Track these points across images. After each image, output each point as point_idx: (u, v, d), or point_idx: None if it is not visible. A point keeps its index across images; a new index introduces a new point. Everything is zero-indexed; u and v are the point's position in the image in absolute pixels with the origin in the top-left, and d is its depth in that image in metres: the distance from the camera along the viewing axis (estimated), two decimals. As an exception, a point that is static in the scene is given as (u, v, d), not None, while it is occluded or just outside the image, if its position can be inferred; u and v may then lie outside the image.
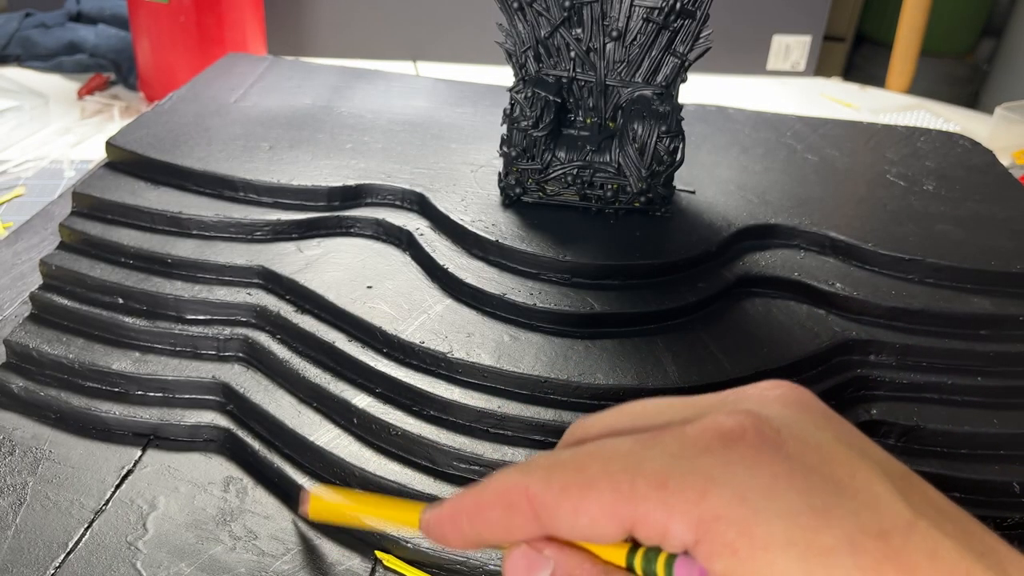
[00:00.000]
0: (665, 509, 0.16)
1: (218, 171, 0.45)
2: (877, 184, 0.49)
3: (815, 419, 0.17)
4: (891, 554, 0.15)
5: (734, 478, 0.16)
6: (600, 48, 0.40)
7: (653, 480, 0.16)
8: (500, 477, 0.18)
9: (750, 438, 0.16)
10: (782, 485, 0.16)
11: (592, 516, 0.17)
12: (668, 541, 0.16)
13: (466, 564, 0.31)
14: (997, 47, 1.72)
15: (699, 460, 0.16)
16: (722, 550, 0.15)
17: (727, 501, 0.15)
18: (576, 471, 0.17)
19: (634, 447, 0.17)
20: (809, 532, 0.15)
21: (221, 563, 0.31)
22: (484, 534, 0.19)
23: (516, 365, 0.35)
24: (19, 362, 0.39)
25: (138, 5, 0.77)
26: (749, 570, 0.15)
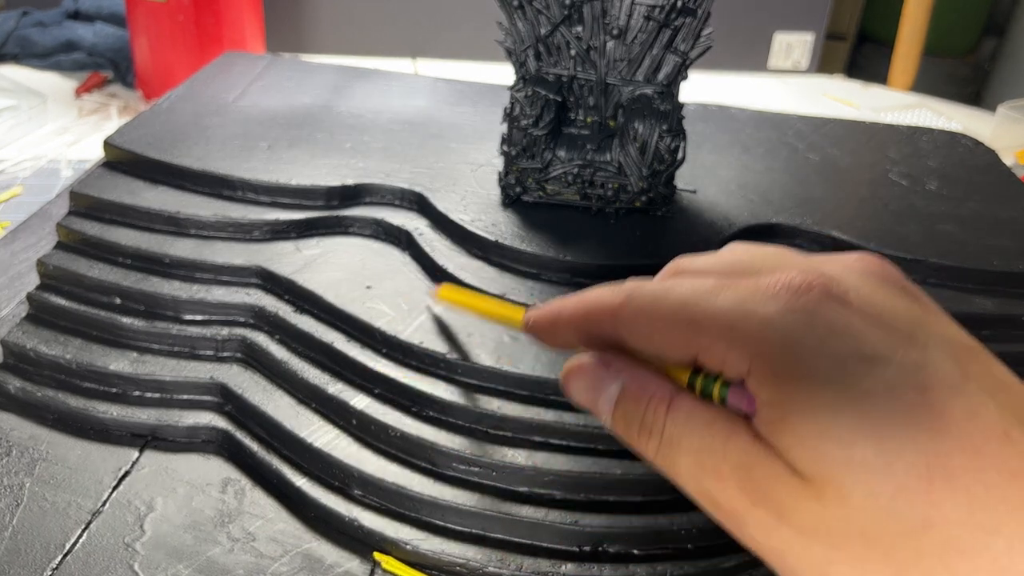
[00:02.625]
0: (726, 342, 0.18)
1: (216, 170, 0.45)
2: (879, 184, 0.49)
3: (890, 291, 0.19)
4: (926, 404, 0.16)
5: (792, 324, 0.17)
6: (601, 46, 0.40)
7: (719, 317, 0.18)
8: (595, 292, 0.21)
9: (816, 294, 0.17)
10: (836, 334, 0.17)
11: (664, 339, 0.19)
12: (726, 369, 0.18)
13: (465, 566, 0.31)
14: (999, 46, 1.72)
15: (764, 305, 0.18)
16: (769, 380, 0.17)
17: (781, 342, 0.17)
18: (658, 299, 0.19)
19: (714, 287, 0.19)
20: (852, 375, 0.16)
21: (219, 565, 0.31)
22: (573, 339, 0.22)
23: (516, 365, 0.35)
24: (16, 362, 0.39)
25: (136, 3, 0.77)
26: (790, 399, 0.16)
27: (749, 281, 0.19)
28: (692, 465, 0.18)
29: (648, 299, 0.19)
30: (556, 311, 0.22)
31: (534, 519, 0.32)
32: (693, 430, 0.18)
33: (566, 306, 0.22)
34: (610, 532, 0.32)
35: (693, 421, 0.18)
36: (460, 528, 0.32)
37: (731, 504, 0.17)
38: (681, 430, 0.18)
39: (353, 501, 0.33)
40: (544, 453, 0.33)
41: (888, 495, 0.15)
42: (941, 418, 0.15)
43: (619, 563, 0.31)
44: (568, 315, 0.21)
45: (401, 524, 0.32)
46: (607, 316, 0.20)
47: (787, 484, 0.16)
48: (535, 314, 0.23)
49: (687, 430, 0.18)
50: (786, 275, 0.18)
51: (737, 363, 0.18)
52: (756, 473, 0.17)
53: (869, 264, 0.19)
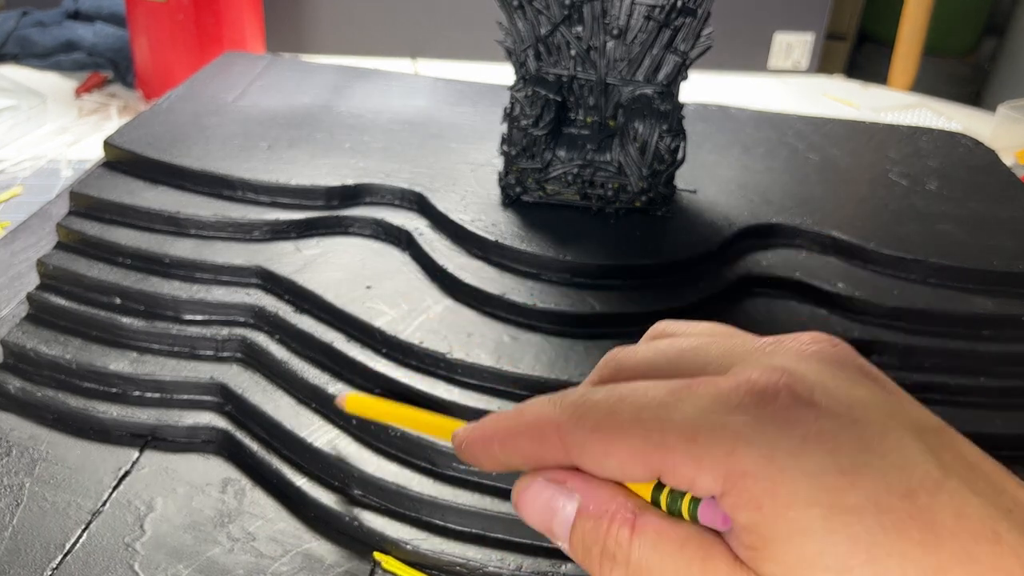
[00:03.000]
0: (693, 462, 0.16)
1: (216, 170, 0.45)
2: (879, 184, 0.49)
3: (851, 376, 0.17)
4: (916, 513, 0.15)
5: (763, 437, 0.16)
6: (601, 46, 0.40)
7: (683, 433, 0.16)
8: (533, 408, 0.19)
9: (783, 398, 0.16)
10: (811, 446, 0.16)
11: (621, 459, 0.17)
12: (695, 489, 0.17)
13: (465, 566, 0.31)
14: (999, 46, 1.72)
15: (730, 417, 0.16)
16: (747, 504, 0.16)
17: (755, 459, 0.16)
18: (608, 414, 0.17)
19: (667, 397, 0.17)
20: (834, 492, 0.15)
21: (219, 565, 0.31)
22: (514, 460, 0.19)
23: (516, 365, 0.35)
24: (16, 362, 0.39)
25: (136, 3, 0.77)
26: (772, 525, 0.15)
27: (706, 385, 0.17)
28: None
29: (599, 414, 0.18)
30: (489, 431, 0.20)
31: (534, 519, 0.32)
32: (664, 555, 0.17)
33: (501, 424, 0.19)
34: (610, 532, 0.32)
35: (663, 544, 0.17)
36: (460, 528, 0.32)
37: None
38: (650, 555, 0.17)
39: (353, 501, 0.33)
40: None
41: None
42: (932, 527, 0.15)
43: (619, 563, 0.31)
44: (503, 432, 0.19)
45: (401, 524, 0.32)
46: (551, 434, 0.18)
47: None
48: (465, 434, 0.20)
49: (657, 555, 0.17)
50: (746, 376, 0.17)
51: (708, 484, 0.16)
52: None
53: (825, 349, 0.18)
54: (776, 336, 0.19)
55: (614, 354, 0.20)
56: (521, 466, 0.19)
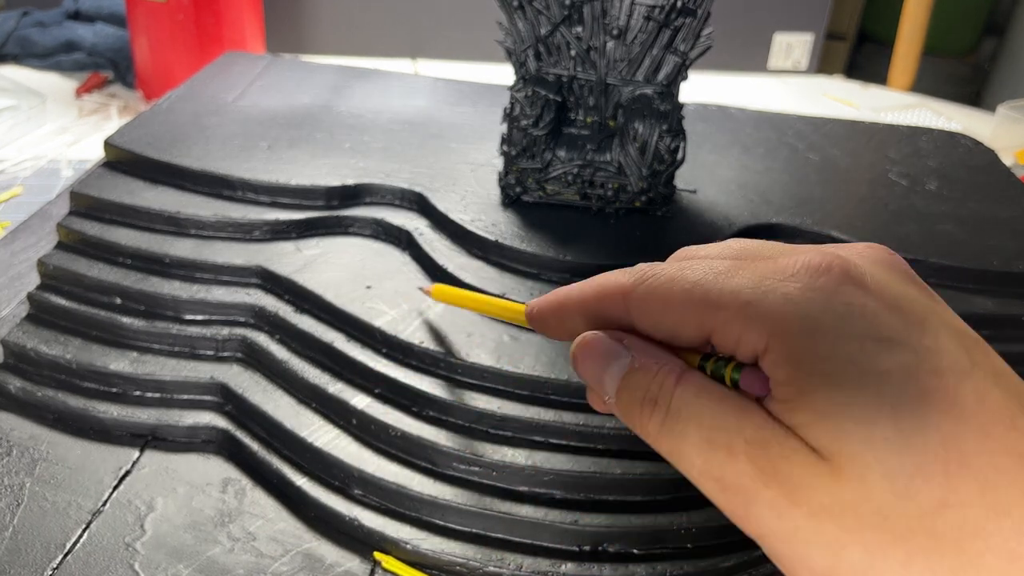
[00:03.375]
0: (743, 320, 0.17)
1: (216, 170, 0.45)
2: (879, 184, 0.49)
3: (901, 278, 0.18)
4: (941, 388, 0.16)
5: (811, 302, 0.17)
6: (601, 46, 0.40)
7: (737, 295, 0.18)
8: (605, 276, 0.21)
9: (835, 273, 0.17)
10: (854, 316, 0.17)
11: (678, 318, 0.19)
12: (740, 349, 0.18)
13: (465, 566, 0.31)
14: (999, 46, 1.72)
15: (783, 284, 0.17)
16: (787, 359, 0.17)
17: (800, 320, 0.17)
18: (673, 279, 0.19)
19: (729, 267, 0.19)
20: (870, 355, 0.16)
21: (219, 564, 0.31)
22: (580, 325, 0.21)
23: (516, 365, 0.35)
24: (16, 362, 0.39)
25: (136, 4, 0.77)
26: (807, 378, 0.16)
27: (766, 263, 0.18)
28: (701, 440, 0.18)
29: (662, 279, 0.19)
30: (562, 296, 0.22)
31: (534, 519, 0.32)
32: (704, 404, 0.18)
33: (573, 291, 0.21)
34: (610, 532, 0.32)
35: (704, 395, 0.18)
36: (460, 528, 0.32)
37: (741, 482, 0.17)
38: (691, 402, 0.18)
39: (353, 501, 0.33)
40: (544, 453, 0.33)
41: (907, 475, 0.15)
42: (954, 402, 0.16)
43: (619, 563, 0.31)
44: (576, 299, 0.21)
45: (401, 524, 0.32)
46: (617, 297, 0.20)
47: (804, 461, 0.16)
48: (539, 302, 0.23)
49: (697, 403, 0.18)
50: (804, 256, 0.18)
51: (754, 341, 0.17)
52: (772, 449, 0.17)
53: (879, 253, 0.19)
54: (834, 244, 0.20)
55: (684, 248, 0.22)
56: (584, 330, 0.21)
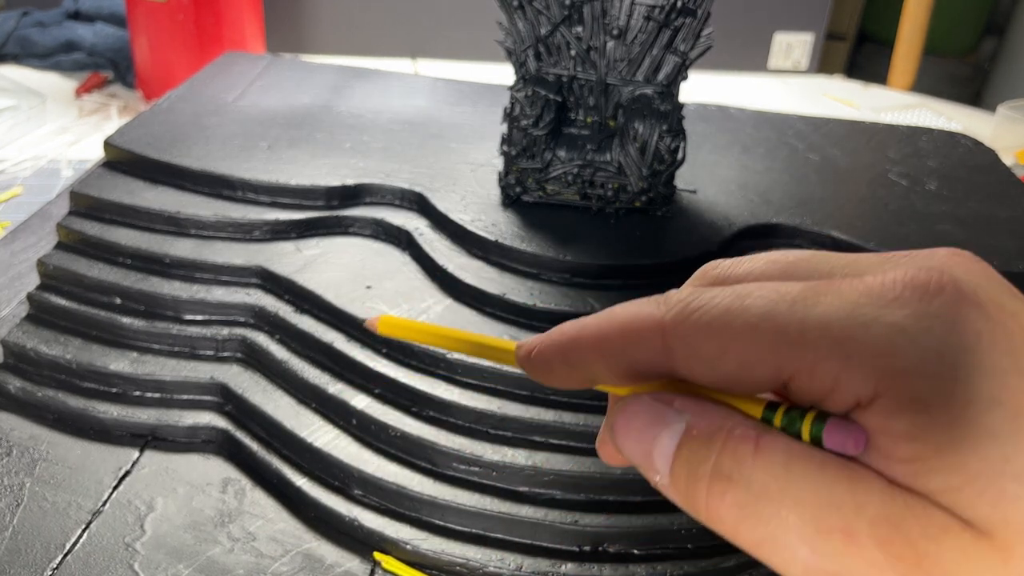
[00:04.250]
0: (841, 359, 0.14)
1: (216, 170, 0.45)
2: (879, 184, 0.49)
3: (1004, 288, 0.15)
4: None
5: (931, 332, 0.13)
6: (601, 46, 0.40)
7: (828, 328, 0.14)
8: (628, 308, 0.16)
9: (949, 293, 0.14)
10: (986, 345, 0.13)
11: (743, 359, 0.14)
12: (835, 397, 0.14)
13: (466, 566, 0.31)
14: (999, 46, 1.72)
15: (888, 311, 0.14)
16: (910, 406, 0.13)
17: (920, 354, 0.13)
18: (730, 310, 0.15)
19: (805, 292, 0.14)
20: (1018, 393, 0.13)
21: (219, 564, 0.31)
22: (596, 369, 0.16)
23: (516, 366, 0.35)
24: (16, 362, 0.39)
25: (136, 3, 0.77)
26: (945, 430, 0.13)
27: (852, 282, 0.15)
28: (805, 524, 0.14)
29: (716, 311, 0.15)
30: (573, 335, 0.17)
31: (534, 519, 0.32)
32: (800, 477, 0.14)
33: (587, 328, 0.16)
34: (610, 532, 0.32)
35: (797, 464, 0.14)
36: (460, 528, 0.32)
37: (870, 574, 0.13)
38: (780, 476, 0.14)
39: (353, 501, 0.33)
40: (544, 453, 0.33)
41: None
42: None
43: (619, 563, 0.31)
44: (592, 338, 0.16)
45: (401, 524, 0.32)
46: (652, 335, 0.15)
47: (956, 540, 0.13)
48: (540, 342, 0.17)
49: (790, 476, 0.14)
50: (901, 272, 0.14)
51: (857, 386, 0.14)
52: (910, 529, 0.13)
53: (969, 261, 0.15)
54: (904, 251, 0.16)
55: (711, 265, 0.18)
56: (603, 377, 0.16)
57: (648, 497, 0.33)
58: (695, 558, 0.32)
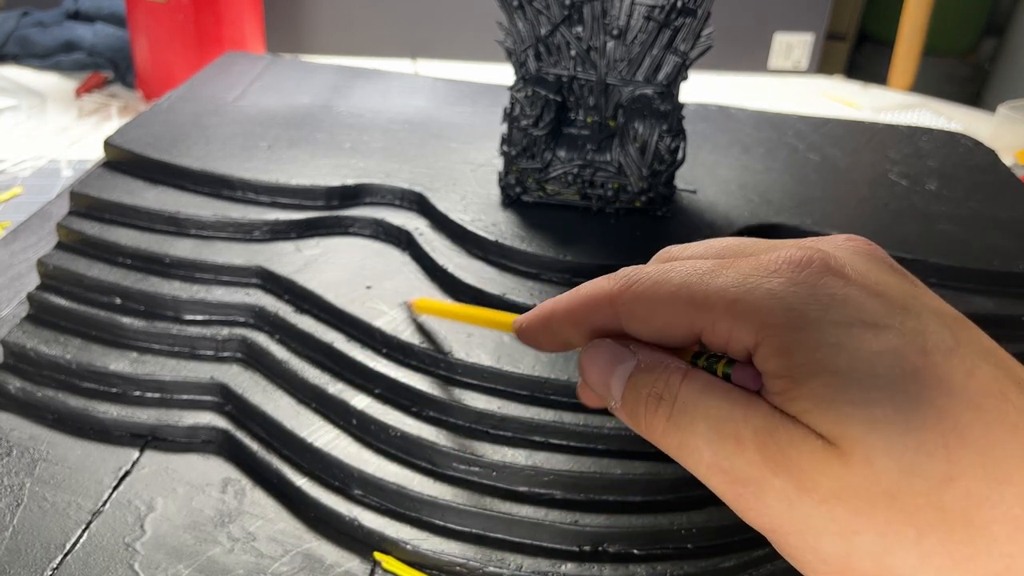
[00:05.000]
0: (731, 318, 0.18)
1: (216, 170, 0.45)
2: (879, 184, 0.49)
3: (880, 267, 0.19)
4: (930, 367, 0.16)
5: (796, 296, 0.17)
6: (601, 46, 0.40)
7: (724, 294, 0.18)
8: (589, 284, 0.21)
9: (817, 266, 0.18)
10: (838, 302, 0.17)
11: (666, 319, 0.19)
12: (731, 346, 0.18)
13: (465, 566, 0.31)
14: (999, 46, 1.72)
15: (767, 280, 0.18)
16: (779, 351, 0.17)
17: (786, 312, 0.17)
18: (659, 281, 0.19)
19: (713, 267, 0.19)
20: (859, 340, 0.17)
21: (219, 565, 0.31)
22: (570, 334, 0.22)
23: (516, 366, 0.35)
24: (16, 362, 0.39)
25: (136, 3, 0.77)
26: (801, 368, 0.17)
27: (748, 260, 0.19)
28: (709, 431, 0.18)
29: (647, 283, 0.20)
30: (549, 309, 0.22)
31: (534, 519, 0.32)
32: (711, 397, 0.18)
33: (560, 303, 0.22)
34: (610, 532, 0.32)
35: (711, 389, 0.18)
36: (460, 528, 0.32)
37: (750, 473, 0.17)
38: (698, 397, 0.18)
39: (353, 501, 0.33)
40: (544, 453, 0.33)
41: (911, 452, 0.16)
42: (943, 378, 0.16)
43: (619, 563, 0.31)
44: (563, 310, 0.21)
45: (401, 524, 0.32)
46: (604, 304, 0.20)
47: (811, 448, 0.16)
48: (526, 317, 0.23)
49: (704, 397, 0.18)
50: (785, 251, 0.19)
51: (744, 337, 0.18)
52: (780, 437, 0.17)
53: (858, 244, 0.20)
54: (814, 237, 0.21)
55: (666, 249, 0.23)
56: (575, 340, 0.22)
57: (648, 497, 0.33)
58: (695, 558, 0.32)
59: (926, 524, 0.16)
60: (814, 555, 0.17)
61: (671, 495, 0.33)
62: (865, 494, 0.16)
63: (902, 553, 0.16)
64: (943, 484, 0.16)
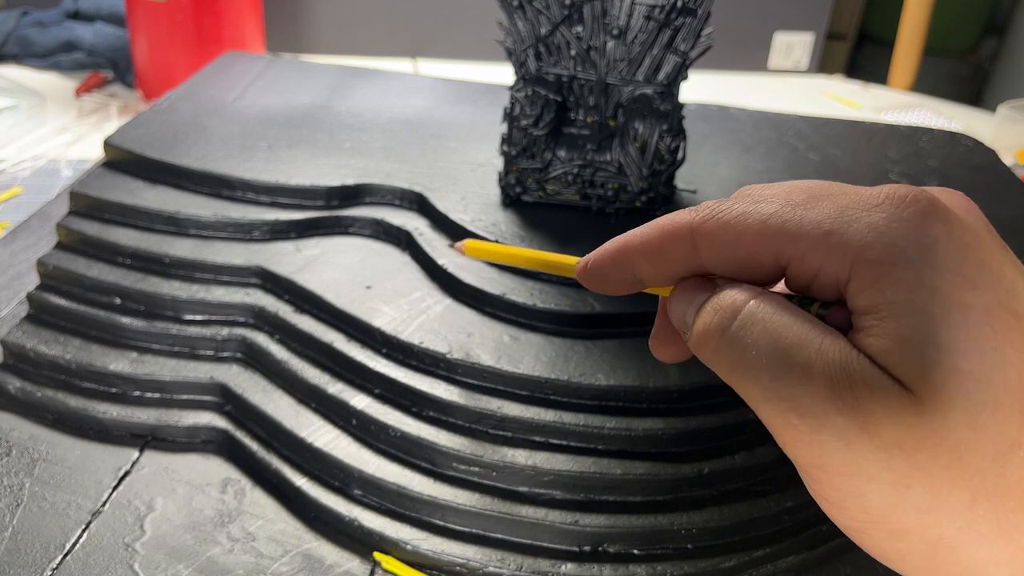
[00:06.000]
0: (825, 248, 0.17)
1: (216, 170, 0.45)
2: (879, 184, 0.49)
3: (978, 218, 0.18)
4: (1016, 326, 0.16)
5: (897, 232, 0.17)
6: (601, 46, 0.40)
7: (820, 224, 0.17)
8: (668, 216, 0.20)
9: (922, 204, 0.17)
10: (941, 247, 0.16)
11: (752, 248, 0.18)
12: (820, 280, 0.17)
13: (465, 566, 0.31)
14: (999, 45, 1.72)
15: (868, 214, 0.17)
16: (871, 286, 0.16)
17: (886, 247, 0.16)
18: (745, 211, 0.18)
19: (807, 199, 0.18)
20: (956, 288, 0.16)
21: (219, 565, 0.31)
22: (643, 269, 0.20)
23: (516, 365, 0.35)
24: (16, 363, 0.39)
25: (136, 3, 0.77)
26: (891, 306, 0.16)
27: (846, 194, 0.18)
28: (774, 355, 0.17)
29: (736, 212, 0.18)
30: (622, 243, 0.20)
31: (534, 519, 0.32)
32: (785, 319, 0.17)
33: (634, 236, 0.20)
34: (610, 532, 0.32)
35: (787, 312, 0.17)
36: (460, 528, 0.32)
37: (813, 407, 0.16)
38: (770, 315, 0.17)
39: (353, 501, 0.33)
40: (544, 453, 0.33)
41: (988, 411, 0.15)
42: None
43: (619, 563, 0.31)
44: (638, 243, 0.20)
45: (401, 524, 0.32)
46: (684, 234, 0.19)
47: (885, 391, 0.16)
48: (595, 254, 0.21)
49: (777, 317, 0.17)
50: (889, 188, 0.18)
51: (836, 270, 0.17)
52: (853, 374, 0.16)
53: (960, 199, 0.19)
54: None
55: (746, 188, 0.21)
56: (648, 276, 0.20)
57: (648, 497, 0.33)
58: (695, 558, 0.32)
59: (983, 489, 0.15)
60: (856, 501, 0.16)
61: (671, 495, 0.33)
62: (931, 447, 0.15)
63: (951, 514, 0.15)
64: (1011, 450, 0.15)
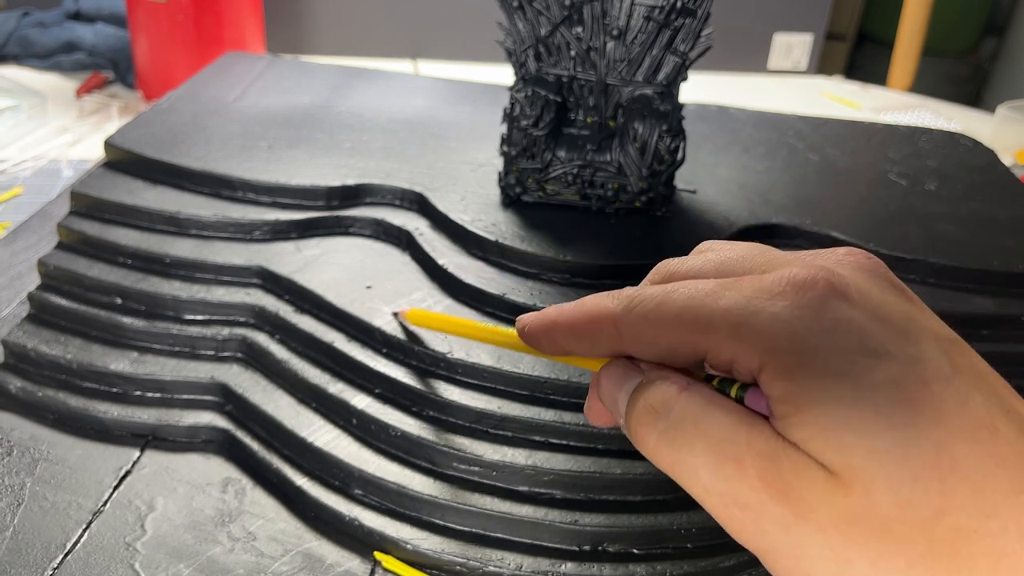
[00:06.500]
0: (735, 340, 0.18)
1: (216, 170, 0.45)
2: (879, 184, 0.49)
3: (881, 284, 0.19)
4: (928, 397, 0.16)
5: (799, 319, 0.17)
6: (601, 47, 0.40)
7: (728, 316, 0.18)
8: (593, 300, 0.21)
9: (820, 287, 0.18)
10: (842, 329, 0.17)
11: (670, 342, 0.19)
12: (736, 368, 0.18)
13: (465, 566, 0.31)
14: (999, 46, 1.72)
15: (771, 302, 0.18)
16: (782, 375, 0.17)
17: (790, 336, 0.17)
18: (662, 303, 0.19)
19: (715, 288, 0.19)
20: (860, 369, 0.17)
21: (220, 564, 0.31)
22: (572, 346, 0.22)
23: (516, 365, 0.35)
24: (17, 362, 0.39)
25: (136, 4, 0.77)
26: (803, 394, 0.17)
27: (751, 280, 0.19)
28: (708, 452, 0.18)
29: (651, 304, 0.19)
30: (552, 318, 0.22)
31: (534, 519, 0.32)
32: (713, 415, 0.18)
33: (563, 313, 0.22)
34: (610, 532, 0.32)
35: (713, 406, 0.18)
36: (460, 528, 0.32)
37: (749, 498, 0.17)
38: (698, 413, 0.18)
39: (353, 501, 0.33)
40: (544, 453, 0.33)
41: (908, 484, 0.16)
42: (940, 409, 0.16)
43: (619, 563, 0.31)
44: (566, 322, 0.21)
45: (401, 524, 0.32)
46: (608, 323, 0.20)
47: (813, 476, 0.16)
48: (530, 320, 0.23)
49: (705, 414, 0.18)
50: (788, 271, 0.18)
51: (747, 360, 0.18)
52: (782, 464, 0.17)
53: (859, 259, 0.20)
54: (814, 250, 0.21)
55: (664, 264, 0.22)
56: (577, 351, 0.22)
57: (648, 497, 0.33)
58: (695, 558, 0.32)
59: (916, 555, 0.16)
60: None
61: (671, 495, 0.33)
62: (862, 524, 0.16)
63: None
64: (936, 517, 0.16)
